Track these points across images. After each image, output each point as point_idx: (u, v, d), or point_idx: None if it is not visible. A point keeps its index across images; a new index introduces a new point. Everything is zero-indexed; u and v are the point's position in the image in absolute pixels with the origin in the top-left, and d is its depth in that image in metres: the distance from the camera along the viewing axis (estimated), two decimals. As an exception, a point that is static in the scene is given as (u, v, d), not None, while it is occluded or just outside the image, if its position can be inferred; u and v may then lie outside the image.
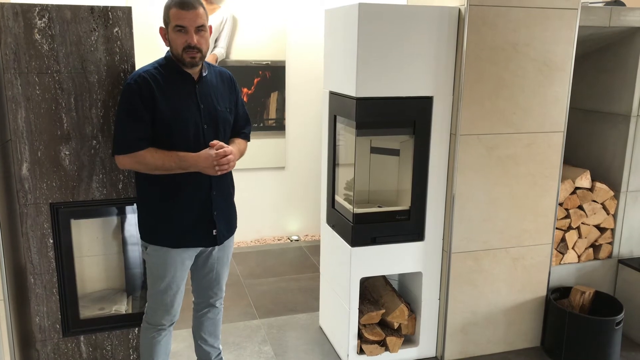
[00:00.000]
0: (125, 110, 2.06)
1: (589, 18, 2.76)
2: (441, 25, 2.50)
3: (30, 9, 2.14)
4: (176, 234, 2.16)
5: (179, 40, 2.03)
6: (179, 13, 2.01)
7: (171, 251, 2.17)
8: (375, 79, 2.46)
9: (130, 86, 2.05)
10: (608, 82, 3.12)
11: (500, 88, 2.61)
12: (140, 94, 2.03)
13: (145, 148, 2.06)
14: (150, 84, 2.04)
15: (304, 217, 4.73)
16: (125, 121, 2.06)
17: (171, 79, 2.10)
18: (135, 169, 2.12)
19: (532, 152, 2.74)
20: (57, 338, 2.45)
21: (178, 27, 2.02)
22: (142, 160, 2.06)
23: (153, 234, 2.18)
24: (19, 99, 2.20)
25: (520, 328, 2.97)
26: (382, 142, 2.78)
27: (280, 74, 4.36)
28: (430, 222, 2.72)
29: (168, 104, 2.06)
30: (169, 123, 2.07)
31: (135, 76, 2.07)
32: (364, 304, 2.85)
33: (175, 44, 2.05)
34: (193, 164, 2.08)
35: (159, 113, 2.05)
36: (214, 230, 2.21)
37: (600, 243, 3.14)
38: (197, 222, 2.18)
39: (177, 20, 2.02)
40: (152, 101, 2.04)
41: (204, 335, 2.47)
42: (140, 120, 2.04)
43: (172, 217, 2.15)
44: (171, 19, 2.03)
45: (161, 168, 2.07)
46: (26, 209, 2.29)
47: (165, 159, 2.06)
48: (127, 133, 2.05)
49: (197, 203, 2.16)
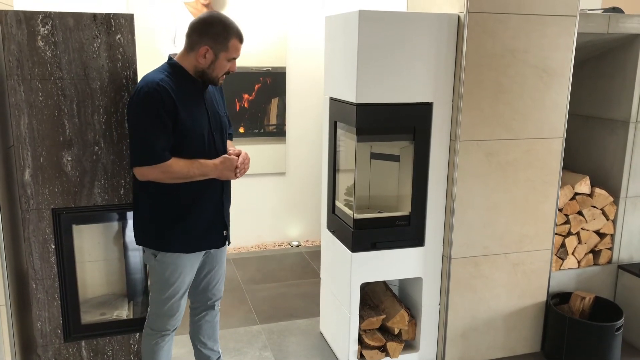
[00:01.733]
0: (149, 120, 2.00)
1: (588, 25, 2.78)
2: (441, 32, 2.51)
3: (34, 16, 2.16)
4: (191, 239, 2.18)
5: (225, 68, 2.11)
6: (238, 45, 2.10)
7: (182, 256, 2.18)
8: (375, 85, 2.47)
9: (151, 95, 1.99)
10: (607, 88, 3.14)
11: (499, 94, 2.63)
12: (163, 102, 1.99)
13: (170, 158, 2.03)
14: (170, 93, 2.01)
15: (305, 222, 4.74)
16: (150, 131, 2.00)
17: (184, 87, 2.09)
18: (158, 179, 2.06)
19: (531, 158, 2.75)
20: (59, 343, 2.45)
21: (234, 58, 2.11)
22: (167, 170, 2.03)
23: (165, 241, 2.15)
24: (21, 106, 2.21)
25: (520, 333, 2.98)
26: (382, 148, 2.79)
27: (281, 80, 4.38)
28: (430, 228, 2.73)
29: (187, 113, 2.06)
30: (190, 132, 2.07)
31: (153, 84, 2.00)
32: (364, 310, 2.85)
33: (219, 70, 2.11)
34: (213, 170, 2.12)
35: (180, 122, 2.03)
36: (224, 231, 2.28)
37: (600, 248, 3.14)
38: (212, 225, 2.23)
39: (235, 53, 2.10)
40: (174, 110, 2.02)
41: (203, 339, 2.47)
42: (165, 129, 2.01)
43: (189, 223, 2.16)
44: (231, 49, 2.07)
45: (185, 176, 2.07)
46: (28, 215, 2.31)
47: (190, 167, 2.06)
48: (153, 144, 2.00)
49: (212, 207, 2.21)
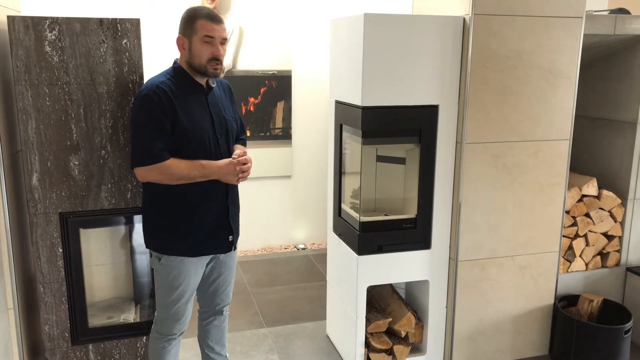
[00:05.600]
0: (146, 121, 2.03)
1: (594, 26, 2.77)
2: (446, 35, 2.51)
3: (41, 21, 2.18)
4: (195, 243, 2.17)
5: (205, 51, 2.06)
6: (209, 25, 2.05)
7: (186, 260, 2.17)
8: (380, 88, 2.47)
9: (150, 97, 2.02)
10: (614, 90, 3.12)
11: (505, 96, 2.62)
12: (161, 104, 2.02)
13: (169, 158, 2.04)
14: (169, 95, 2.04)
15: (311, 225, 4.73)
16: (147, 132, 2.03)
17: (184, 89, 2.10)
18: (157, 180, 2.08)
19: (538, 160, 2.74)
20: (66, 347, 2.46)
21: (208, 37, 2.05)
22: (166, 171, 2.04)
23: (168, 244, 2.16)
24: (29, 110, 2.23)
25: (528, 336, 2.96)
26: (388, 151, 2.79)
27: (287, 83, 4.39)
28: (436, 230, 2.72)
29: (187, 115, 2.07)
30: (190, 134, 2.07)
31: (153, 87, 2.04)
32: (371, 313, 2.85)
33: (200, 55, 2.06)
34: (215, 172, 2.10)
35: (180, 124, 2.05)
36: (230, 237, 2.25)
37: (607, 251, 3.12)
38: (216, 230, 2.20)
39: (208, 31, 2.04)
40: (172, 112, 2.03)
41: (211, 343, 2.47)
42: (162, 130, 2.03)
43: (192, 227, 2.15)
44: (200, 29, 2.05)
45: (185, 177, 2.07)
46: (36, 219, 2.32)
47: (189, 168, 2.06)
48: (150, 144, 2.02)
49: (215, 211, 2.18)
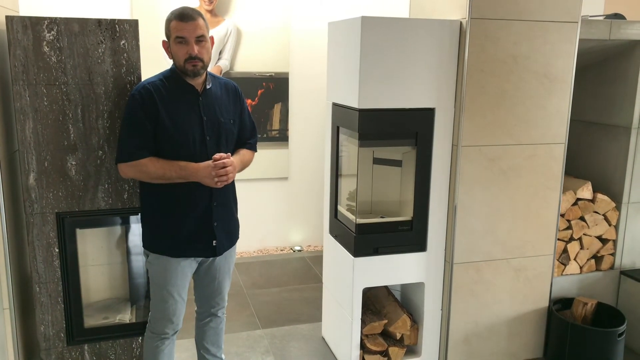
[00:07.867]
0: (127, 120, 2.11)
1: (590, 31, 2.79)
2: (443, 38, 2.53)
3: (39, 21, 2.19)
4: (176, 244, 2.18)
5: (180, 51, 2.08)
6: (179, 25, 2.06)
7: (171, 260, 2.19)
8: (377, 90, 2.49)
9: (134, 97, 2.10)
10: (609, 95, 3.14)
11: (501, 100, 2.64)
12: (143, 104, 2.08)
13: (146, 157, 2.09)
14: (153, 96, 2.09)
15: (307, 227, 4.74)
16: (127, 130, 2.11)
17: (175, 91, 2.14)
18: (138, 177, 2.16)
19: (533, 164, 2.76)
20: (62, 347, 2.46)
21: (179, 38, 2.07)
22: (143, 169, 2.10)
23: (154, 242, 2.21)
24: (27, 110, 2.23)
25: (522, 339, 2.97)
26: (384, 153, 2.80)
27: (284, 85, 4.40)
28: (432, 233, 2.73)
29: (170, 116, 2.10)
30: (172, 135, 2.10)
31: (139, 87, 2.12)
32: (366, 315, 2.85)
33: (177, 56, 2.10)
34: (193, 174, 2.10)
35: (161, 124, 2.09)
36: (214, 241, 2.23)
37: (602, 254, 3.14)
38: (197, 233, 2.20)
39: (178, 32, 2.07)
40: (154, 112, 2.08)
41: (207, 344, 2.48)
42: (141, 129, 2.08)
43: (172, 227, 2.17)
44: (172, 31, 2.08)
45: (162, 177, 2.10)
46: (32, 218, 2.32)
47: (166, 168, 2.09)
48: (128, 142, 2.10)
49: (197, 214, 2.18)
